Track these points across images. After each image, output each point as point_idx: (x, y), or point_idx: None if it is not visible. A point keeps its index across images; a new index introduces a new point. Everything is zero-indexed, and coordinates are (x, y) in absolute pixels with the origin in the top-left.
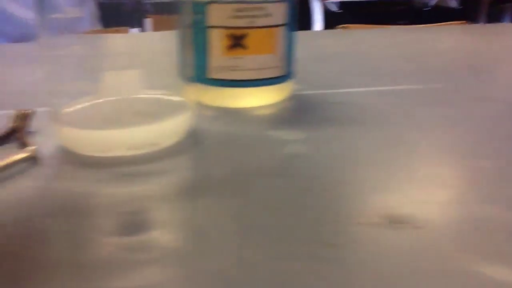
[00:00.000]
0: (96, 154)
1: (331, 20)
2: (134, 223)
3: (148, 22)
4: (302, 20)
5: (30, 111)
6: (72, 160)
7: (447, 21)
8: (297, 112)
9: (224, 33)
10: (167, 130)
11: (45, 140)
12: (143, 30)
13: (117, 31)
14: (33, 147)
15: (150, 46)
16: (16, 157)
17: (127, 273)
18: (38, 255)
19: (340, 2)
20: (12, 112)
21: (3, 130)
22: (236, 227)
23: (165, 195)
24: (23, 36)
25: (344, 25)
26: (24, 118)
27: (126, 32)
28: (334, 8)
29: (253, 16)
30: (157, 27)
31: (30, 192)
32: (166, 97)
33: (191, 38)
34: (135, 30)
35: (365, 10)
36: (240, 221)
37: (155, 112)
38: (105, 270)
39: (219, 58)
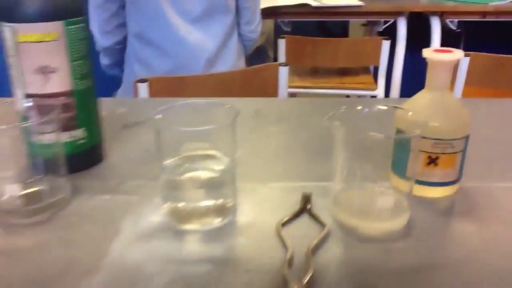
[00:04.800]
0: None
1: (449, 40)
2: None
3: (282, 42)
4: (420, 36)
5: (311, 193)
6: (351, 244)
7: None
8: (470, 206)
9: (424, 155)
10: (398, 227)
11: (325, 216)
12: (276, 51)
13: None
14: (327, 227)
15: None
16: (322, 235)
17: None
18: None
19: (459, 21)
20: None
21: (295, 209)
22: None
23: None
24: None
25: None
26: (307, 198)
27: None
28: (453, 27)
29: (444, 147)
30: (291, 48)
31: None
32: (392, 193)
33: (403, 153)
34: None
35: (485, 31)
36: None
37: (394, 207)
38: None
39: (418, 169)
